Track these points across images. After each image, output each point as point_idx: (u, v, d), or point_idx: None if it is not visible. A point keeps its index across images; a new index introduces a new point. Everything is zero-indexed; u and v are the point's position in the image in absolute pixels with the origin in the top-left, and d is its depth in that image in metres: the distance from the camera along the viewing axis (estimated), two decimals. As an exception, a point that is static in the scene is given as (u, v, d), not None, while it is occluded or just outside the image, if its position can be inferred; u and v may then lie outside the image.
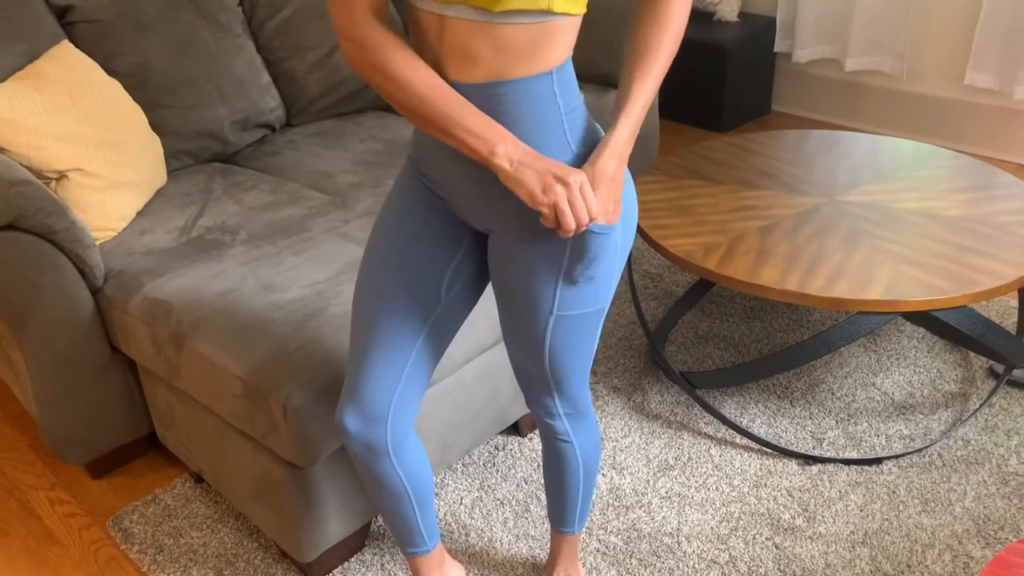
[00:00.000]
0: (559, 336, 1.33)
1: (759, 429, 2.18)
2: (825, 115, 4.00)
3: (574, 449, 1.52)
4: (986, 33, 3.32)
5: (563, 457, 1.53)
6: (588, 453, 1.54)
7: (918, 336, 2.48)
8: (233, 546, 1.93)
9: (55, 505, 2.09)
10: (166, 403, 1.95)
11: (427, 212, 1.35)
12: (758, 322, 2.59)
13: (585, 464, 1.55)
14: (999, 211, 2.15)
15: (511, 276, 1.30)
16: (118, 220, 2.09)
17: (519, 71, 1.14)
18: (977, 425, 2.15)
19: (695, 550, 1.86)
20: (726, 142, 2.60)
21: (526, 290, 1.29)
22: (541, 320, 1.31)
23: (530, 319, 1.32)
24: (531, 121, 1.17)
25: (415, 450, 1.49)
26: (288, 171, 2.43)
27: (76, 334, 1.92)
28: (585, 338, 1.36)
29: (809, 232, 2.10)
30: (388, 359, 1.38)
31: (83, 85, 2.08)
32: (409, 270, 1.35)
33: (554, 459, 1.55)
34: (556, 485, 1.59)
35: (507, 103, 1.16)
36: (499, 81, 1.14)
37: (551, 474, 1.58)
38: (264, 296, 1.80)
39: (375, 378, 1.38)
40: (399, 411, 1.41)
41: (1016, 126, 3.47)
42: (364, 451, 1.43)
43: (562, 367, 1.38)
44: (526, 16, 1.10)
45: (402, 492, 1.50)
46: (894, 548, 1.84)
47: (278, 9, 2.65)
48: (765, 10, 4.00)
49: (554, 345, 1.34)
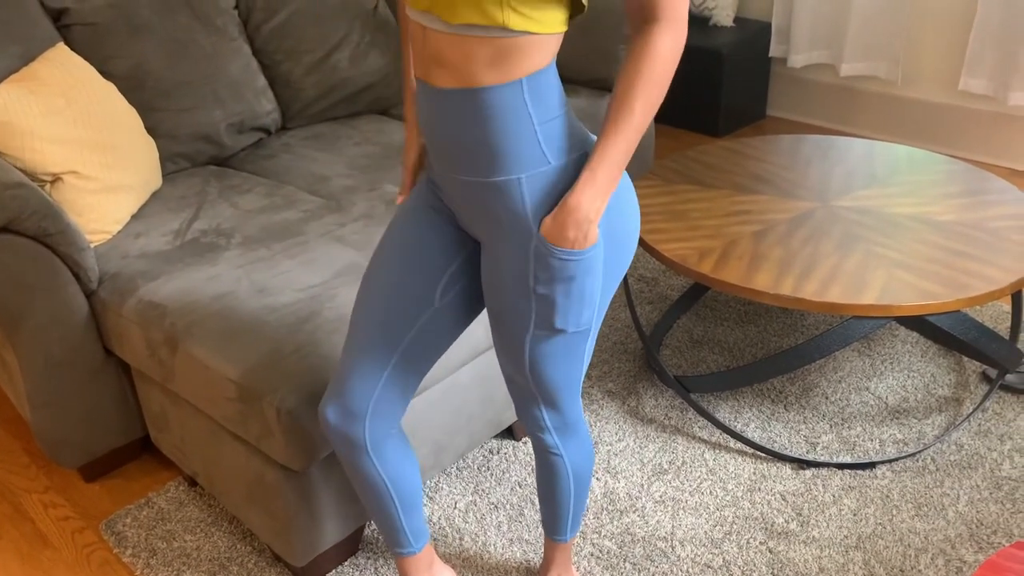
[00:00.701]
0: (539, 353, 1.32)
1: (753, 433, 2.18)
2: (820, 120, 4.01)
3: (564, 462, 1.52)
4: (980, 39, 3.33)
5: (553, 469, 1.53)
6: (579, 466, 1.54)
7: (912, 341, 2.49)
8: (226, 550, 1.92)
9: (48, 508, 2.08)
10: (160, 406, 1.95)
11: (432, 217, 1.37)
12: (752, 326, 2.59)
13: (576, 476, 1.55)
14: (992, 216, 2.16)
15: (493, 288, 1.31)
16: (113, 223, 2.09)
17: (487, 79, 1.15)
18: (970, 429, 2.15)
19: (689, 554, 1.86)
20: (721, 147, 2.61)
21: (506, 304, 1.29)
22: (519, 335, 1.31)
23: (510, 332, 1.32)
24: (501, 129, 1.17)
25: (398, 450, 1.49)
26: (283, 174, 2.43)
27: (70, 337, 1.92)
28: (568, 358, 1.34)
29: (803, 237, 2.10)
30: (372, 358, 1.39)
31: (78, 88, 2.08)
32: (406, 271, 1.37)
33: (545, 470, 1.55)
34: (547, 495, 1.59)
35: (478, 110, 1.17)
36: (469, 88, 1.16)
37: (543, 484, 1.58)
38: (259, 299, 1.80)
39: (357, 376, 1.40)
40: (378, 411, 1.42)
41: (1010, 132, 3.48)
42: (343, 444, 1.45)
43: (546, 382, 1.37)
44: (486, 31, 1.11)
45: (383, 490, 1.50)
46: (887, 552, 1.84)
47: (274, 12, 2.65)
48: (760, 15, 4.01)
49: (534, 360, 1.33)
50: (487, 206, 1.24)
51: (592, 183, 1.16)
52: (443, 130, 1.22)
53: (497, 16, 1.09)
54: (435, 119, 1.22)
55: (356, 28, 2.77)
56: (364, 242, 2.02)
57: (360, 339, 1.39)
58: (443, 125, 1.21)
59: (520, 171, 1.20)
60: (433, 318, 1.39)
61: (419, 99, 1.24)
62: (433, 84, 1.19)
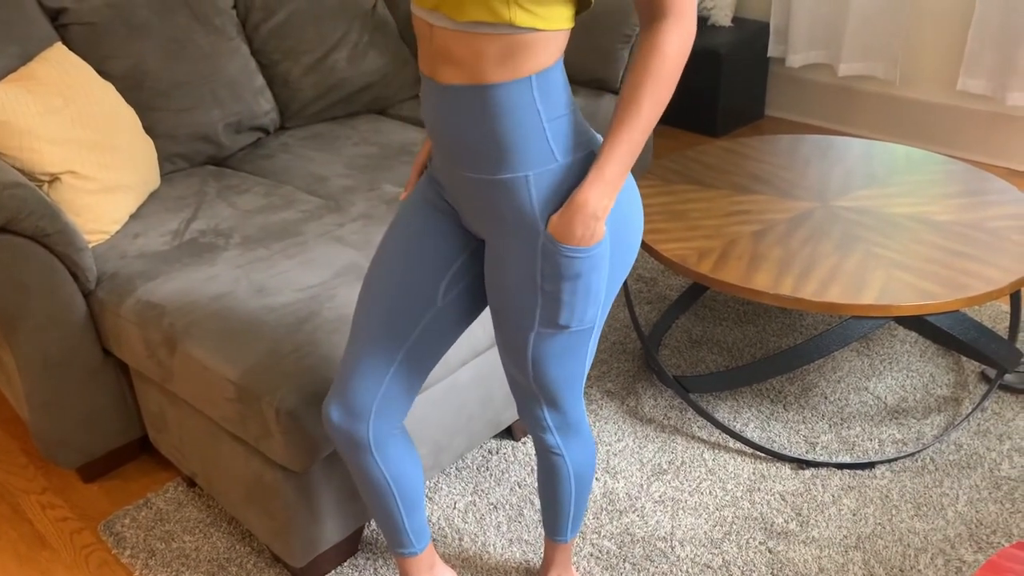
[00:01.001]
0: (542, 351, 1.32)
1: (752, 433, 2.18)
2: (818, 120, 4.02)
3: (565, 463, 1.51)
4: (978, 39, 3.34)
5: (554, 470, 1.53)
6: (580, 467, 1.53)
7: (911, 341, 2.49)
8: (225, 550, 1.92)
9: (46, 509, 2.08)
10: (158, 406, 1.95)
11: (434, 215, 1.36)
12: (751, 326, 2.59)
13: (577, 477, 1.54)
14: (991, 216, 2.16)
15: (496, 286, 1.31)
16: (111, 223, 2.08)
17: (496, 76, 1.15)
18: (969, 429, 2.16)
19: (688, 554, 1.86)
20: (720, 147, 2.61)
21: (510, 302, 1.29)
22: (523, 333, 1.31)
23: (514, 330, 1.32)
24: (510, 126, 1.17)
25: (401, 450, 1.49)
26: (282, 174, 2.42)
27: (68, 337, 1.92)
28: (571, 357, 1.34)
29: (802, 237, 2.10)
30: (375, 357, 1.39)
31: (76, 88, 2.07)
32: (408, 270, 1.36)
33: (546, 471, 1.54)
34: (548, 496, 1.59)
35: (487, 107, 1.17)
36: (478, 85, 1.16)
37: (544, 485, 1.58)
38: (257, 300, 1.80)
39: (360, 375, 1.40)
40: (382, 411, 1.42)
41: (1008, 131, 3.48)
42: (346, 443, 1.45)
43: (548, 381, 1.37)
44: (493, 28, 1.11)
45: (386, 490, 1.50)
46: (887, 552, 1.84)
47: (272, 12, 2.65)
48: (759, 15, 4.01)
49: (537, 359, 1.33)
50: (493, 204, 1.24)
51: (600, 180, 1.17)
52: (450, 127, 1.21)
53: (504, 13, 1.10)
54: (442, 116, 1.21)
55: (355, 28, 2.77)
56: (363, 242, 2.01)
57: (363, 339, 1.39)
58: (450, 122, 1.21)
59: (528, 168, 1.20)
60: (436, 317, 1.39)
61: (425, 96, 1.24)
62: (440, 81, 1.19)
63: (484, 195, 1.24)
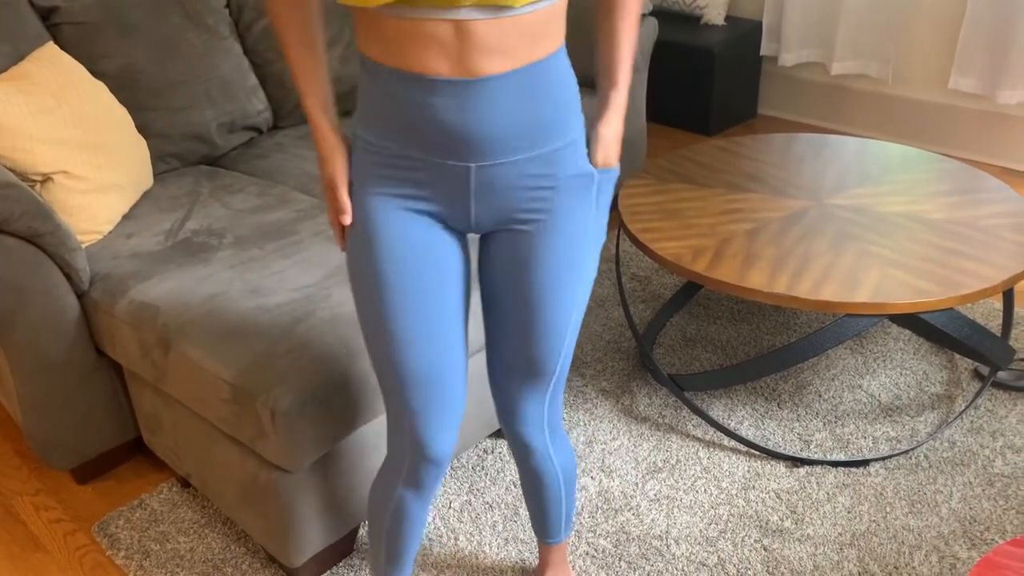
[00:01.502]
0: (575, 317, 1.36)
1: (747, 431, 2.18)
2: (811, 118, 4.02)
3: (553, 465, 1.52)
4: (970, 38, 3.35)
5: (543, 476, 1.53)
6: (566, 464, 1.54)
7: (904, 338, 2.50)
8: (220, 551, 1.92)
9: (40, 511, 2.07)
10: (152, 407, 1.94)
11: (422, 237, 1.26)
12: (745, 325, 2.60)
13: (565, 476, 1.55)
14: (984, 214, 2.16)
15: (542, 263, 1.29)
16: (104, 223, 2.08)
17: (548, 49, 1.17)
18: (963, 427, 2.16)
19: (684, 552, 1.86)
20: (713, 145, 2.61)
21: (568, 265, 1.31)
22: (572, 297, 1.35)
23: (567, 297, 1.34)
24: (563, 93, 1.21)
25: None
26: (275, 174, 2.42)
27: (62, 338, 1.91)
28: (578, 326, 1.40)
29: (796, 235, 2.11)
30: (439, 405, 1.35)
31: (69, 87, 2.06)
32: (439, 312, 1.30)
33: (533, 480, 1.54)
34: (538, 503, 1.58)
35: (547, 81, 1.19)
36: (532, 64, 1.16)
37: (533, 493, 1.57)
38: (251, 300, 1.79)
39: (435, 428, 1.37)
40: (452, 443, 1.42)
41: (1000, 130, 3.50)
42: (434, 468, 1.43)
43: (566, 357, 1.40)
44: (543, 1, 1.13)
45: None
46: (881, 550, 1.85)
47: (265, 11, 2.64)
48: (751, 14, 4.02)
49: (573, 326, 1.37)
50: (538, 178, 1.24)
51: (622, 108, 1.32)
52: (489, 119, 1.16)
53: None
54: (483, 110, 1.15)
55: (347, 27, 2.76)
56: (357, 242, 2.01)
57: (418, 394, 1.33)
58: (491, 114, 1.15)
59: (579, 127, 1.27)
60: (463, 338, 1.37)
61: (438, 100, 1.14)
62: (478, 75, 1.13)
63: (528, 173, 1.22)
